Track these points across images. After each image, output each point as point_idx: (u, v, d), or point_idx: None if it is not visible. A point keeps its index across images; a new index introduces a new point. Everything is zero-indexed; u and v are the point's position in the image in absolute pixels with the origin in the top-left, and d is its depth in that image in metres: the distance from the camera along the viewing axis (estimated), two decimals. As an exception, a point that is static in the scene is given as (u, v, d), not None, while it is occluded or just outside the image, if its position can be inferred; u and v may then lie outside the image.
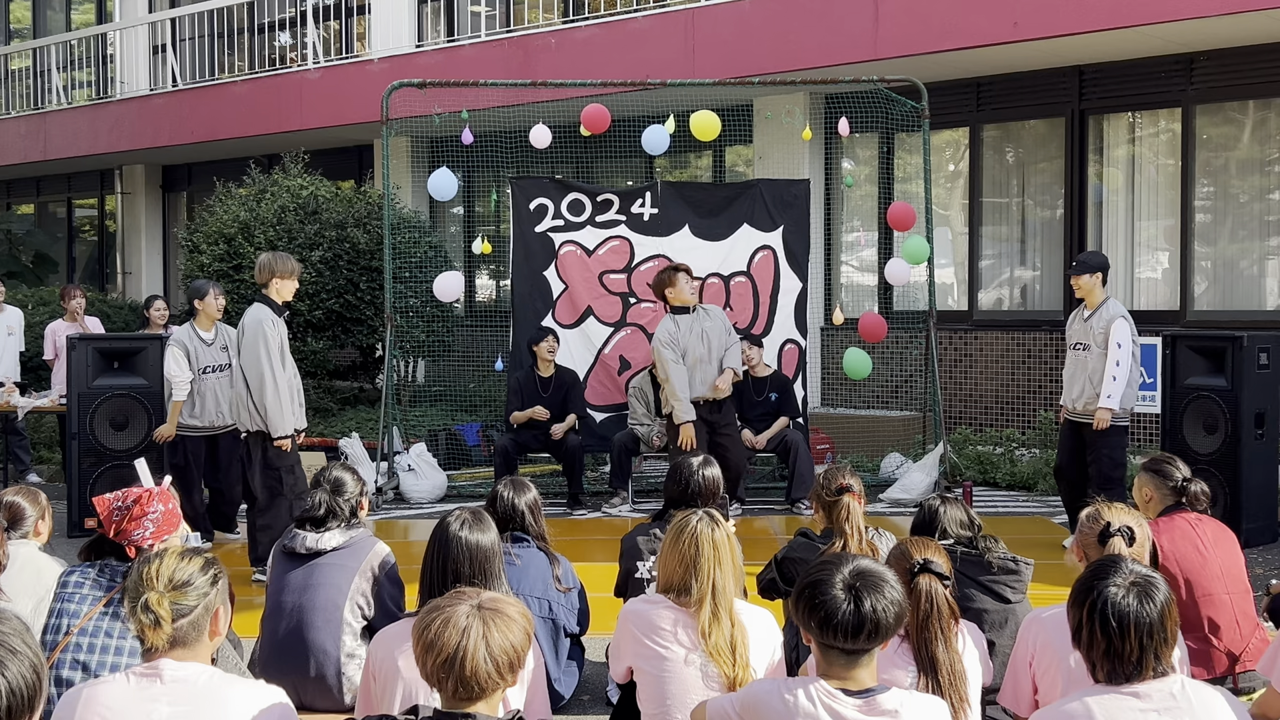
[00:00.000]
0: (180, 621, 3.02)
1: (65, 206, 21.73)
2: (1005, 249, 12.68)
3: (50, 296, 15.15)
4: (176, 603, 3.02)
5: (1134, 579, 2.96)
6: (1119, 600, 2.91)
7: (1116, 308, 8.01)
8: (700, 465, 5.27)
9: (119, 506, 4.17)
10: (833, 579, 2.95)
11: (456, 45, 14.68)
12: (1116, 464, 7.92)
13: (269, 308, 7.45)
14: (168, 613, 3.00)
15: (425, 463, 10.45)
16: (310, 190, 13.17)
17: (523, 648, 2.75)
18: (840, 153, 13.35)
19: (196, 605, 3.05)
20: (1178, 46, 10.87)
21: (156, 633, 3.00)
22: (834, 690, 2.92)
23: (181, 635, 3.03)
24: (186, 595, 3.04)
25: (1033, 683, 3.82)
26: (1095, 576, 3.00)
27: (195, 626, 3.05)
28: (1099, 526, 4.02)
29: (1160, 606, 2.91)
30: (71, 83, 19.93)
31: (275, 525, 7.20)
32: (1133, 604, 2.90)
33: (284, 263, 7.59)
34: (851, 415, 12.55)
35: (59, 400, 10.36)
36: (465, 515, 4.17)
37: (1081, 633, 2.96)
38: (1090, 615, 2.93)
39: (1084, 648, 2.96)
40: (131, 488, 4.28)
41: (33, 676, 2.26)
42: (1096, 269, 8.01)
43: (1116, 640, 2.88)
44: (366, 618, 4.91)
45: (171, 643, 3.03)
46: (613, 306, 10.70)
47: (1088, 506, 4.18)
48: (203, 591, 3.08)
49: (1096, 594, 2.94)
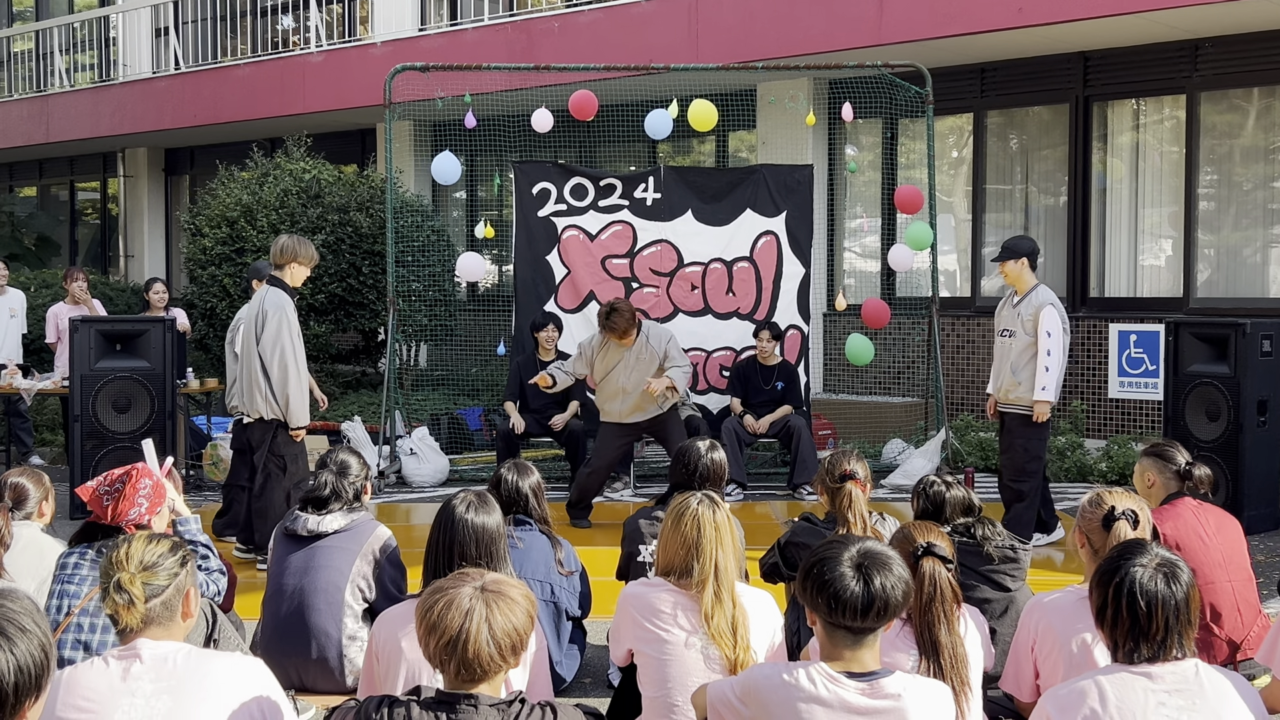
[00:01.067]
0: (153, 601, 3.08)
1: (68, 189, 21.71)
2: (1008, 236, 12.64)
3: (53, 279, 15.15)
4: (148, 583, 3.08)
5: (1160, 560, 2.99)
6: (1146, 580, 2.94)
7: (1046, 294, 7.66)
8: (707, 450, 5.28)
9: (106, 491, 4.19)
10: (840, 558, 2.96)
11: (459, 29, 14.65)
12: (1032, 456, 7.62)
13: (285, 293, 7.34)
14: (140, 591, 3.06)
15: (427, 446, 10.46)
16: (313, 174, 13.16)
17: (526, 630, 2.75)
18: (844, 138, 13.33)
19: (168, 585, 3.12)
20: (1182, 33, 10.84)
21: (130, 612, 3.06)
22: (836, 673, 2.92)
23: (155, 615, 3.09)
24: (157, 575, 3.11)
25: (1034, 667, 3.83)
26: (1121, 557, 3.02)
27: (167, 606, 3.11)
28: (1102, 511, 4.00)
29: (1185, 589, 2.95)
30: (74, 65, 19.90)
31: (270, 512, 7.17)
32: (1160, 585, 2.93)
33: (306, 248, 7.41)
34: (854, 401, 12.55)
35: (62, 383, 10.36)
36: (470, 497, 4.17)
37: (1106, 611, 2.98)
38: (1116, 595, 2.95)
39: (1108, 626, 2.98)
40: (112, 470, 4.29)
41: (41, 656, 2.27)
42: (1022, 254, 7.68)
43: (1143, 620, 2.91)
44: (368, 600, 4.92)
45: (145, 622, 3.08)
46: (615, 291, 10.68)
47: (1089, 493, 4.17)
48: (172, 572, 3.14)
49: (1123, 574, 2.96)
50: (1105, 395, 11.29)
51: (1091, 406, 11.41)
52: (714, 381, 10.79)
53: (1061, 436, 10.64)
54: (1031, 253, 7.76)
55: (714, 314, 10.78)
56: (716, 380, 10.78)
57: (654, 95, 11.26)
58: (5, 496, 4.84)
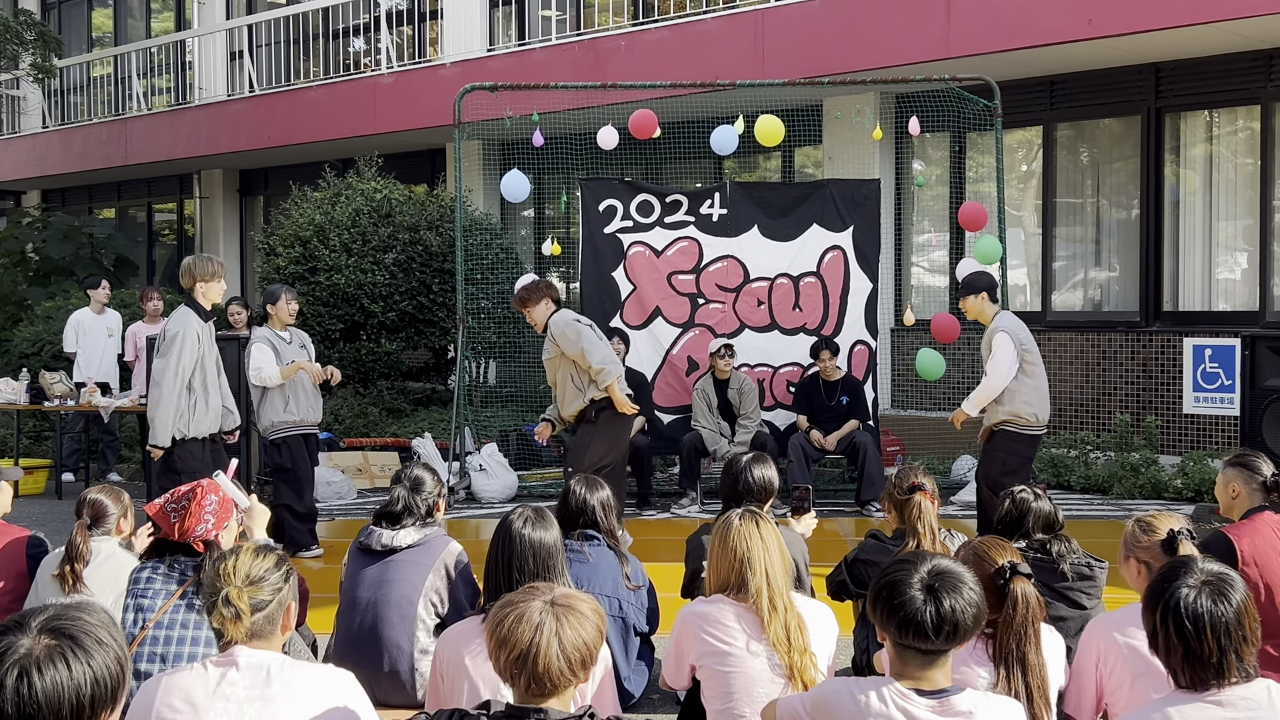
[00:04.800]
0: (257, 615, 3.14)
1: (145, 211, 22.13)
2: (1079, 249, 12.51)
3: (131, 299, 15.45)
4: (253, 597, 3.14)
5: (1206, 577, 2.88)
6: (1192, 600, 2.83)
7: (1001, 321, 7.70)
8: (749, 463, 5.26)
9: (172, 508, 4.25)
10: (910, 579, 2.92)
11: (527, 49, 14.77)
12: (1007, 470, 7.58)
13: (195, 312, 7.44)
14: (247, 605, 3.11)
15: (496, 463, 10.53)
16: (384, 193, 13.33)
17: (595, 644, 2.77)
18: (911, 153, 13.26)
19: (271, 600, 3.17)
20: (1256, 43, 10.67)
21: (237, 626, 3.11)
22: (907, 691, 2.91)
23: (257, 628, 3.15)
24: (262, 590, 3.16)
25: (1098, 687, 3.77)
26: (1166, 579, 2.92)
27: (270, 620, 3.17)
28: (1156, 536, 3.95)
29: (1237, 604, 2.84)
30: (151, 89, 20.30)
31: None
32: (1206, 603, 2.82)
33: (204, 265, 7.50)
34: (922, 417, 12.45)
35: (139, 400, 10.57)
36: (527, 513, 4.20)
37: (1158, 638, 2.89)
38: (1164, 618, 2.86)
39: (1162, 653, 2.89)
40: (179, 487, 4.36)
41: (117, 669, 2.31)
42: (980, 289, 7.73)
43: (1194, 642, 2.81)
44: (440, 615, 4.95)
45: (249, 635, 3.14)
46: (681, 307, 10.72)
47: (1132, 518, 4.11)
48: (276, 586, 3.20)
49: (1169, 596, 2.87)
50: (1180, 410, 11.11)
51: (1166, 422, 11.23)
52: (780, 398, 10.77)
53: (1135, 453, 10.49)
54: (989, 287, 7.81)
55: (780, 329, 10.77)
56: (783, 396, 10.76)
57: (720, 112, 11.28)
58: (84, 513, 4.93)
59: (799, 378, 10.66)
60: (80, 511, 4.94)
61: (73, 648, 2.25)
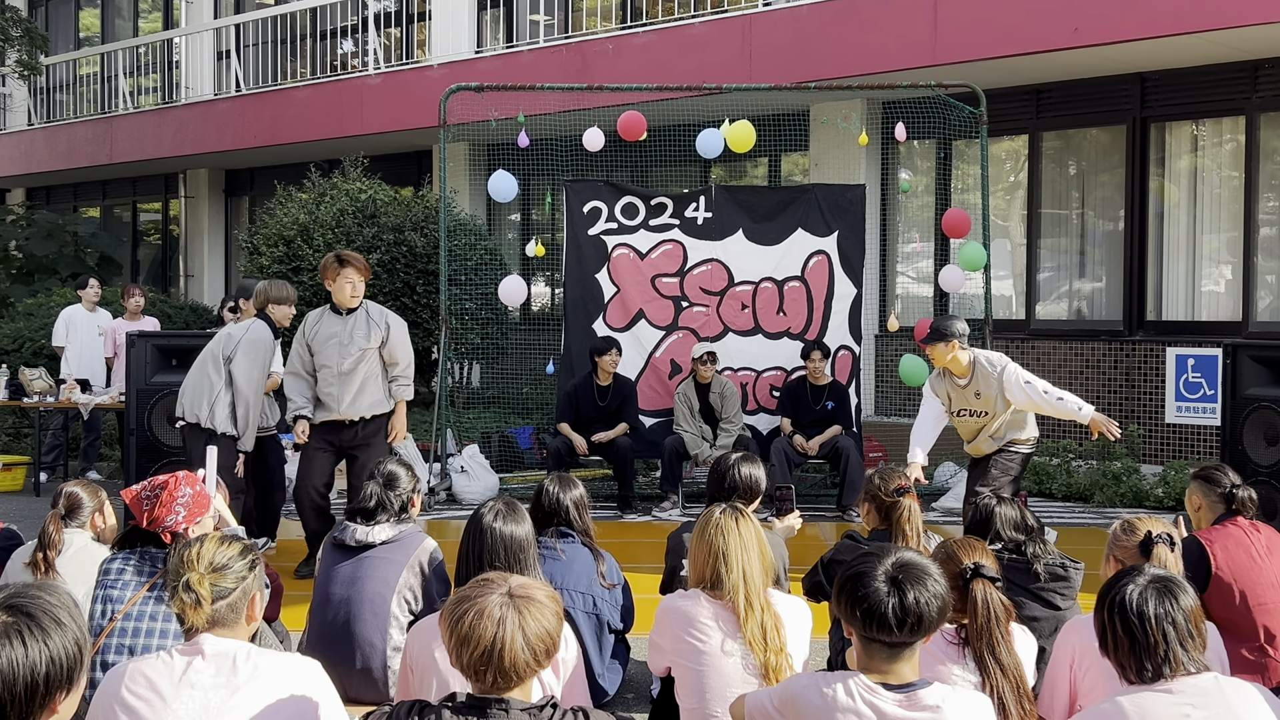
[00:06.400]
0: (219, 603, 3.12)
1: (130, 210, 22.06)
2: (1064, 260, 12.53)
3: (114, 297, 15.41)
4: (216, 584, 3.12)
5: (1153, 578, 2.98)
6: (1137, 597, 2.93)
7: (994, 356, 7.35)
8: (737, 461, 5.25)
9: (147, 495, 4.23)
10: (875, 571, 2.92)
11: (515, 51, 14.76)
12: (1010, 478, 7.39)
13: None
14: (208, 593, 3.09)
15: (478, 464, 10.50)
16: (369, 194, 13.29)
17: (557, 632, 2.74)
18: (897, 160, 13.27)
19: (235, 588, 3.15)
20: (1241, 54, 10.71)
21: (197, 612, 3.09)
22: (874, 684, 2.89)
23: (220, 616, 3.12)
24: (225, 578, 3.14)
25: (1072, 688, 3.76)
26: (1115, 581, 3.02)
27: (233, 609, 3.15)
28: (1136, 538, 4.00)
29: (1184, 604, 2.93)
30: (138, 88, 20.24)
31: None
32: (1151, 599, 2.92)
33: (279, 289, 7.75)
34: (905, 424, 12.41)
35: (118, 397, 10.51)
36: (499, 506, 4.18)
37: (1107, 636, 2.97)
38: (1110, 615, 2.95)
39: (1110, 651, 2.97)
40: (157, 475, 4.34)
41: (75, 651, 2.29)
42: (954, 336, 7.20)
43: (1139, 635, 2.89)
44: (413, 612, 4.93)
45: (210, 623, 3.11)
46: (664, 310, 10.70)
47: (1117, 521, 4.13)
48: (240, 575, 3.17)
49: (1115, 594, 2.96)
50: (1162, 420, 11.13)
51: (1148, 431, 11.24)
52: (763, 402, 10.76)
53: (1117, 462, 10.49)
54: (963, 334, 7.28)
55: (764, 334, 10.76)
56: (766, 401, 10.75)
57: (707, 116, 11.27)
58: (60, 504, 4.92)
59: (782, 381, 10.65)
60: (56, 502, 4.93)
61: (30, 626, 2.24)
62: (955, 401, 7.38)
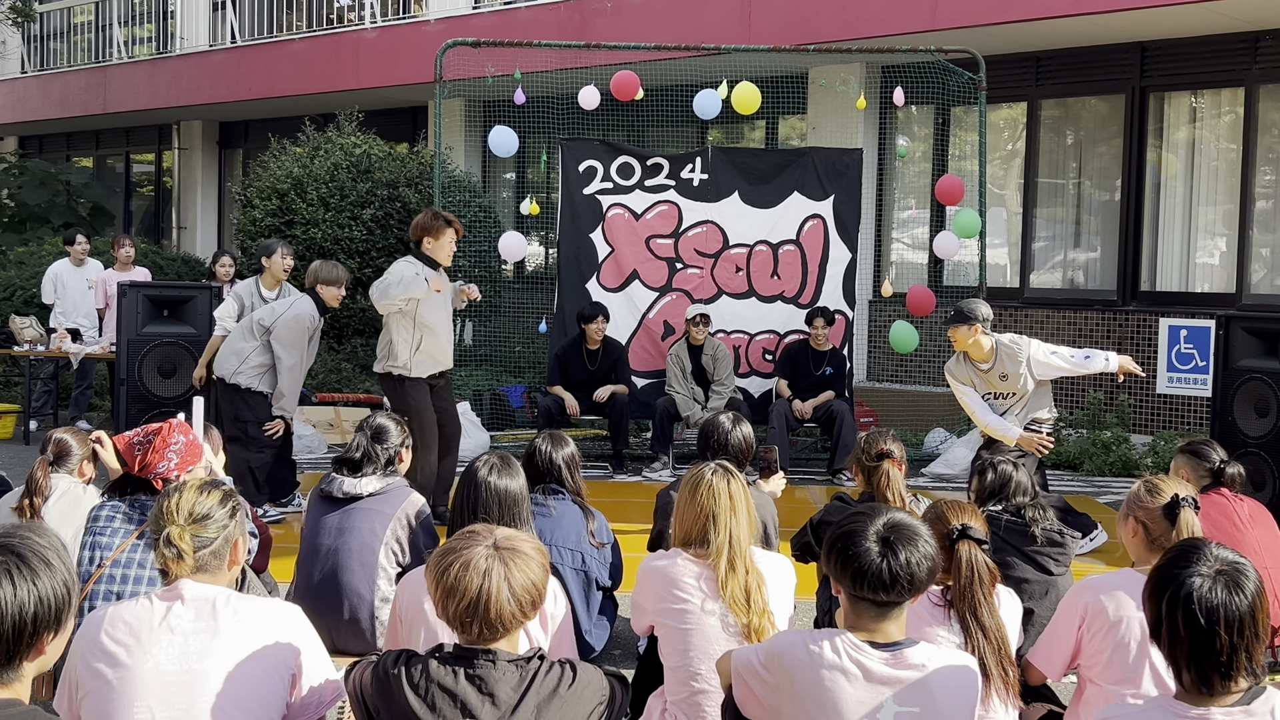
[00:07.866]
0: (201, 552, 3.10)
1: (124, 161, 21.95)
2: (1060, 229, 12.52)
3: (105, 247, 15.35)
4: (197, 535, 3.09)
5: (1220, 566, 2.59)
6: (1205, 591, 2.55)
7: (1017, 338, 7.25)
8: (730, 421, 5.25)
9: (139, 441, 4.22)
10: (865, 530, 2.91)
11: (513, 7, 14.65)
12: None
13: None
14: (189, 545, 3.07)
15: (469, 422, 10.49)
16: (363, 149, 13.22)
17: (542, 584, 2.75)
18: (894, 126, 13.22)
19: (216, 537, 3.13)
20: (1242, 24, 10.66)
21: (180, 565, 3.08)
22: (860, 642, 2.90)
23: (203, 563, 3.11)
24: (206, 528, 3.12)
25: (1077, 646, 3.73)
26: (1175, 564, 2.63)
27: (216, 555, 3.13)
28: (1162, 500, 3.80)
29: (1250, 597, 2.57)
30: (133, 38, 20.09)
31: None
32: (1221, 594, 2.55)
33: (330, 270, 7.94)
34: (897, 390, 12.47)
35: (109, 347, 10.49)
36: (494, 460, 4.17)
37: (1162, 629, 2.61)
38: (1172, 609, 2.57)
39: (1165, 645, 2.61)
40: (151, 422, 4.33)
41: (64, 592, 2.30)
42: (976, 320, 7.13)
43: (1205, 638, 2.54)
44: (401, 564, 4.93)
45: (193, 571, 3.10)
46: (659, 271, 10.68)
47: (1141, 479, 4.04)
48: (222, 524, 3.15)
49: (1179, 585, 2.58)
50: (1153, 390, 11.15)
51: (1139, 401, 11.27)
52: (756, 364, 10.76)
53: (1107, 431, 10.52)
54: (987, 319, 7.18)
55: (758, 296, 10.75)
56: (759, 363, 10.75)
57: (705, 77, 11.20)
58: (48, 450, 4.92)
59: (775, 345, 10.65)
60: (45, 448, 4.92)
61: (19, 565, 2.24)
62: (980, 388, 7.34)
